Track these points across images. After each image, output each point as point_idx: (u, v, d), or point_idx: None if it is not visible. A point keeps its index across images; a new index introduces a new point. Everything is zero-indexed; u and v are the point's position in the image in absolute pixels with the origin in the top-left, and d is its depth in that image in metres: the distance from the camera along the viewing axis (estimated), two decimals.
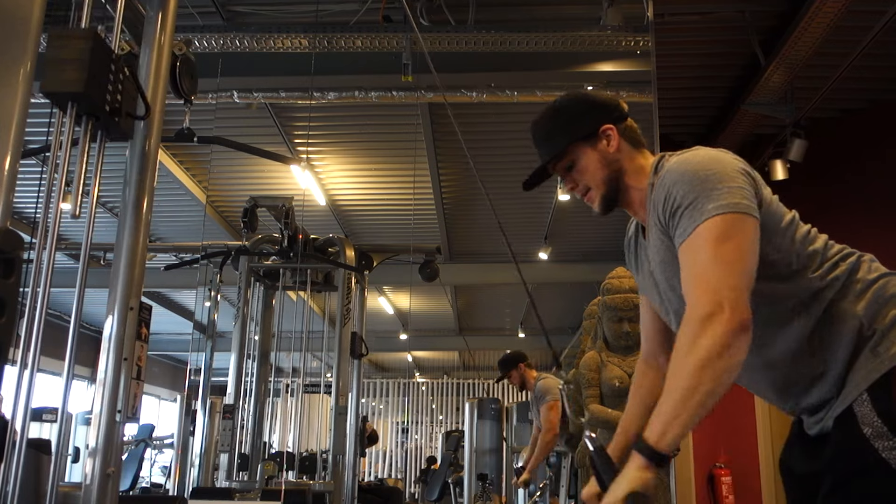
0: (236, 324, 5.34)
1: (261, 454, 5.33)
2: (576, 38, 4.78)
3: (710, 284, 1.24)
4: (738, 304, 1.21)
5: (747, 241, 1.27)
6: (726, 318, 1.20)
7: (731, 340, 1.20)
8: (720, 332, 1.19)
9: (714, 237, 1.26)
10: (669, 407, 1.22)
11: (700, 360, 1.20)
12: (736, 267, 1.24)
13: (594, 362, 3.49)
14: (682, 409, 1.21)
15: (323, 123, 6.52)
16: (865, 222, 5.63)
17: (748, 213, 1.27)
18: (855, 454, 1.22)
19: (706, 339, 1.20)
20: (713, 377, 1.20)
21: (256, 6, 5.17)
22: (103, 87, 1.58)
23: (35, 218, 1.68)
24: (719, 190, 1.28)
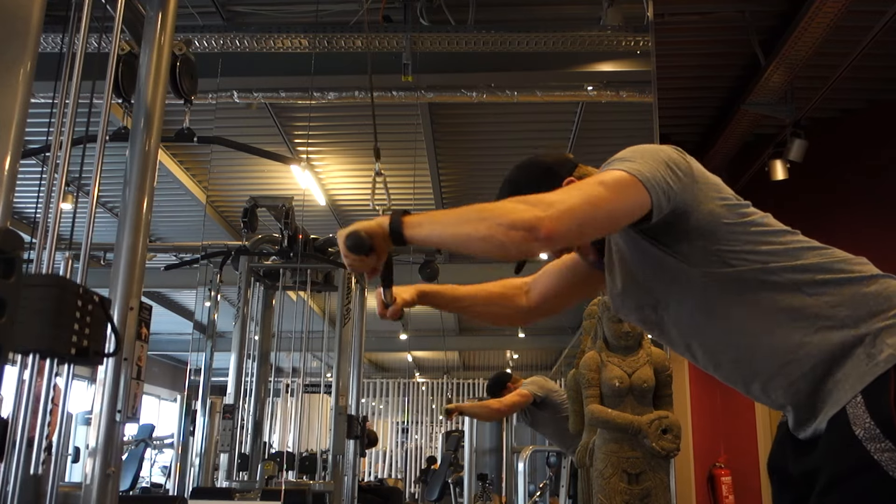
0: (236, 324, 5.33)
1: (261, 454, 5.33)
2: (576, 38, 4.78)
3: (563, 196, 1.25)
4: (560, 221, 1.21)
5: (621, 198, 1.27)
6: (544, 216, 1.20)
7: (524, 230, 1.20)
8: (526, 217, 1.20)
9: (600, 180, 1.28)
10: (441, 216, 1.29)
11: (493, 215, 1.23)
12: (591, 203, 1.25)
13: (594, 362, 3.49)
14: (445, 226, 1.28)
15: (323, 123, 6.52)
16: (866, 222, 5.64)
17: (646, 185, 1.27)
18: (847, 456, 1.21)
19: (515, 211, 1.21)
20: (482, 232, 1.22)
21: (256, 6, 5.17)
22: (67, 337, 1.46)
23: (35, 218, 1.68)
24: (639, 160, 1.30)
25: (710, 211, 1.33)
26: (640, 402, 3.39)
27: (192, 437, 5.49)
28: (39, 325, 1.38)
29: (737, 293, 1.32)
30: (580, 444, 3.67)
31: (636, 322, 1.52)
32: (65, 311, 1.44)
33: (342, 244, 1.34)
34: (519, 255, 1.26)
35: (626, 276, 1.44)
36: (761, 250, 1.33)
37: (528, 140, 6.69)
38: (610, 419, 3.33)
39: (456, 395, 17.33)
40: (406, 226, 1.29)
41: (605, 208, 1.26)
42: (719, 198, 1.36)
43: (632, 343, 3.50)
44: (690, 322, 1.39)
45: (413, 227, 1.29)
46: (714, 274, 1.33)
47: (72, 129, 1.72)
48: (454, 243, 1.30)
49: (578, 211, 1.24)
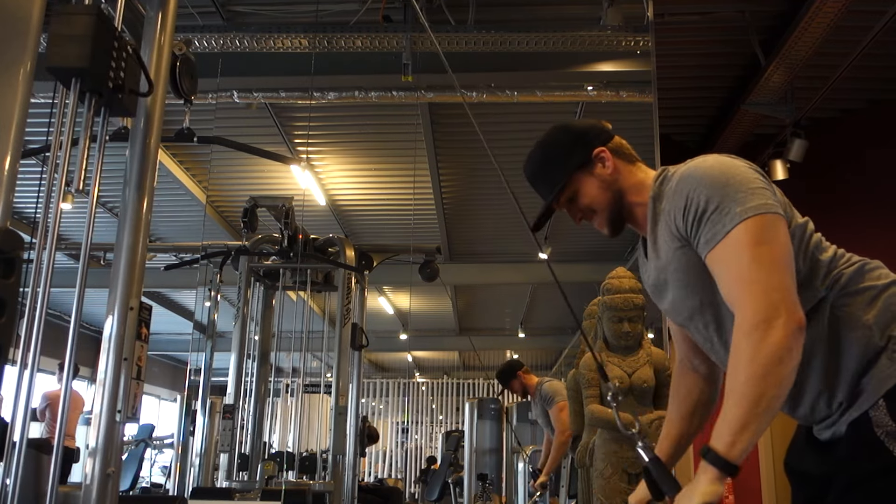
0: (236, 324, 5.33)
1: (261, 454, 5.33)
2: (576, 38, 4.78)
3: (758, 288, 1.22)
4: (792, 305, 1.21)
5: (783, 240, 1.26)
6: (783, 321, 1.19)
7: (791, 343, 1.19)
8: (779, 336, 1.18)
9: (750, 240, 1.24)
10: (737, 416, 1.19)
11: (763, 367, 1.18)
12: (779, 267, 1.23)
13: (594, 362, 3.49)
14: (751, 418, 1.19)
15: (323, 123, 6.52)
16: (866, 222, 5.63)
17: (777, 212, 1.27)
18: (869, 456, 1.22)
19: (767, 345, 1.18)
20: (777, 382, 1.18)
21: (256, 6, 5.17)
22: (107, 64, 1.59)
23: (35, 218, 1.68)
24: (744, 193, 1.27)
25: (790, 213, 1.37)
26: (641, 402, 3.39)
27: (192, 437, 5.49)
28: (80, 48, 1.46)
29: None
30: (580, 444, 3.67)
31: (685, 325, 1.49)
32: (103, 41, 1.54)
33: None
34: (800, 355, 1.21)
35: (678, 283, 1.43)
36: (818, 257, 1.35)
37: (529, 140, 6.63)
38: (610, 419, 3.33)
39: (456, 395, 17.33)
40: (729, 456, 1.19)
41: (786, 257, 1.25)
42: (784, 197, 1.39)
43: (632, 343, 3.50)
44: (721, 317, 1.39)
45: (732, 450, 1.19)
46: None
47: (71, 129, 1.72)
48: (772, 415, 1.22)
49: (785, 281, 1.23)
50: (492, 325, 14.59)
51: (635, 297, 3.50)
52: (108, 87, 1.59)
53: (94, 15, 1.55)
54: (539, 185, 1.54)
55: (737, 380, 1.21)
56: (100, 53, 1.57)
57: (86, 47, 1.54)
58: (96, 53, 1.56)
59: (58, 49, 1.54)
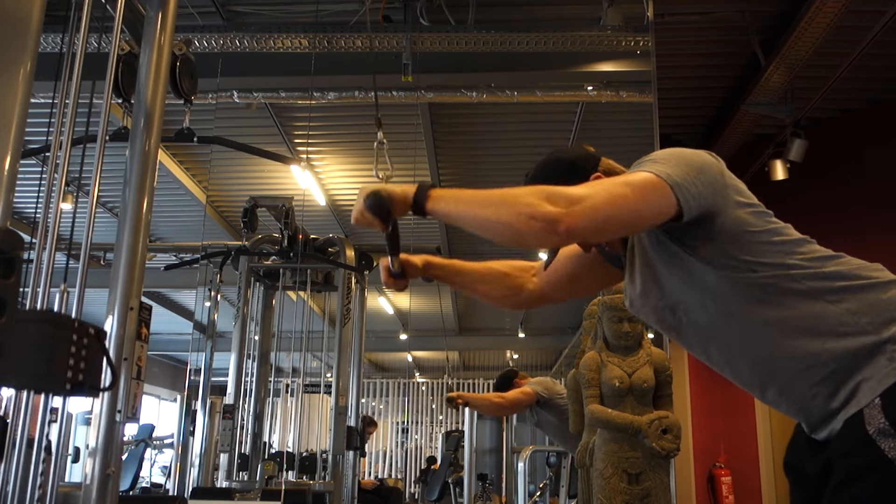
0: (236, 324, 5.33)
1: (261, 454, 5.33)
2: (576, 38, 4.78)
3: (589, 191, 1.27)
4: (582, 218, 1.23)
5: (647, 200, 1.28)
6: (567, 211, 1.22)
7: (544, 221, 1.22)
8: (549, 210, 1.22)
9: (626, 180, 1.30)
10: (467, 196, 1.31)
11: (516, 202, 1.25)
12: (615, 203, 1.26)
13: (594, 362, 3.49)
14: (467, 205, 1.30)
15: (323, 123, 6.52)
16: (867, 223, 5.64)
17: (674, 189, 1.27)
18: (861, 454, 1.22)
19: (539, 200, 1.23)
20: (503, 217, 1.25)
21: (256, 6, 5.17)
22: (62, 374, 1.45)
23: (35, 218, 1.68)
24: (669, 162, 1.31)
25: (736, 217, 1.34)
26: (640, 402, 3.39)
27: (192, 437, 5.49)
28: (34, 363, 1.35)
29: (758, 298, 1.33)
30: (580, 444, 3.67)
31: (654, 324, 1.51)
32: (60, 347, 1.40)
33: (361, 201, 1.38)
34: (535, 245, 1.29)
35: (646, 277, 1.44)
36: (784, 261, 1.33)
37: (528, 140, 6.69)
38: (610, 419, 3.33)
39: None
40: (430, 199, 1.32)
41: (628, 209, 1.27)
42: (746, 204, 1.36)
43: (632, 343, 3.49)
44: (709, 325, 1.39)
45: (437, 201, 1.32)
46: (736, 278, 1.33)
47: (72, 129, 1.72)
48: (473, 223, 1.31)
49: (601, 210, 1.25)
50: (492, 325, 14.59)
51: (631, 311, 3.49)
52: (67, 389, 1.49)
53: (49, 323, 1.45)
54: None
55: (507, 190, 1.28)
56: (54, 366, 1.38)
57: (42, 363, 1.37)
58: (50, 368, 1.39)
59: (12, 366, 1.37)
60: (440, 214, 1.32)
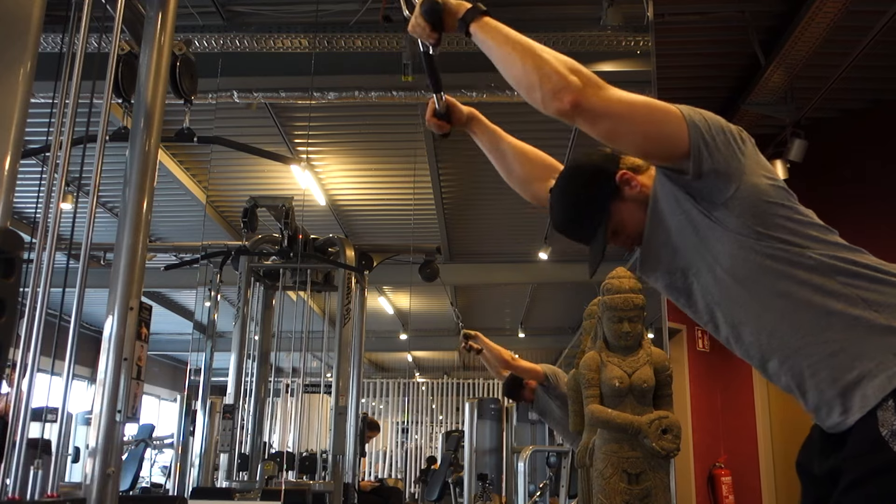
0: (236, 324, 5.33)
1: (261, 454, 5.33)
2: (576, 38, 4.78)
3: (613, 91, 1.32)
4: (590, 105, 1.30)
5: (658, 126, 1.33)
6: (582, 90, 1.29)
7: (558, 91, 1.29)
8: (569, 83, 1.29)
9: (650, 101, 1.36)
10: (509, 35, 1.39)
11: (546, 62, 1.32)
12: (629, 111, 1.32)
13: (594, 362, 3.49)
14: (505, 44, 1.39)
15: (323, 123, 6.52)
16: (866, 222, 5.63)
17: (689, 126, 1.32)
18: (872, 454, 1.22)
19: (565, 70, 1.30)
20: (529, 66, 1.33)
21: (256, 6, 5.17)
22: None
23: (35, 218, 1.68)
24: (693, 113, 1.36)
25: (754, 185, 1.34)
26: (640, 402, 3.39)
27: (192, 437, 5.49)
28: None
29: (769, 268, 1.32)
30: (580, 444, 3.67)
31: (662, 288, 1.50)
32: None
33: (417, 6, 1.46)
34: (542, 106, 1.32)
35: (660, 237, 1.44)
36: (800, 235, 1.33)
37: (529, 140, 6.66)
38: (610, 419, 3.33)
39: (456, 395, 17.34)
40: (478, 22, 1.41)
41: (642, 122, 1.32)
42: (767, 176, 1.36)
43: (632, 343, 3.49)
44: (718, 290, 1.39)
45: (483, 26, 1.41)
46: (748, 245, 1.33)
47: (72, 129, 1.72)
48: (502, 60, 1.38)
49: (615, 107, 1.31)
50: (492, 325, 14.60)
51: (635, 297, 3.50)
52: None
53: None
54: (576, 231, 1.52)
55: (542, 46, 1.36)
56: None
57: None
58: None
59: None
60: (479, 39, 1.40)
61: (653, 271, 1.50)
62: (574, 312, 11.23)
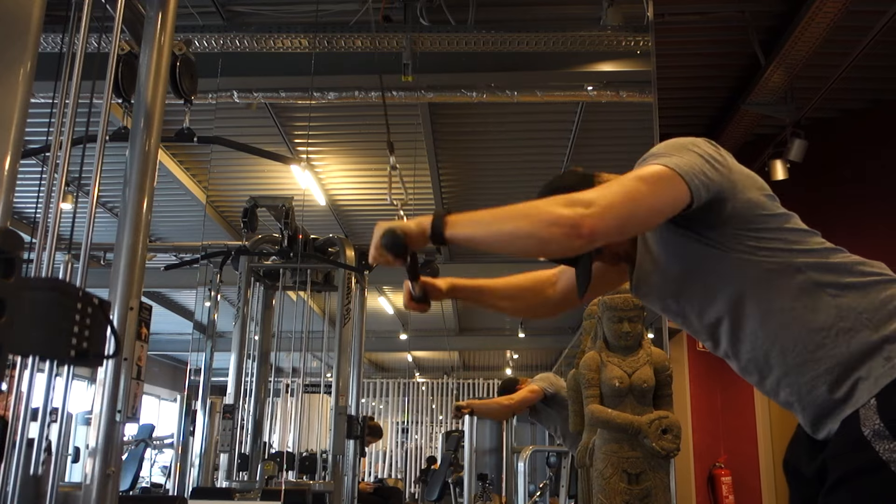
0: (236, 324, 5.33)
1: (261, 454, 5.33)
2: (576, 38, 4.78)
3: (603, 192, 1.26)
4: (602, 218, 1.23)
5: (661, 193, 1.28)
6: (586, 213, 1.21)
7: (567, 226, 1.21)
8: (569, 214, 1.21)
9: (637, 175, 1.29)
10: (483, 216, 1.28)
11: (535, 213, 1.24)
12: (632, 199, 1.26)
13: (594, 362, 3.49)
14: (486, 225, 1.28)
15: (323, 123, 6.52)
16: (866, 222, 5.64)
17: (683, 176, 1.28)
18: (855, 455, 1.22)
19: (557, 207, 1.23)
20: (524, 229, 1.24)
21: (256, 6, 5.17)
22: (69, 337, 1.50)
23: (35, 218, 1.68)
24: (674, 152, 1.32)
25: (748, 199, 1.35)
26: (640, 402, 3.39)
27: (192, 437, 5.49)
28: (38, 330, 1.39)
29: (764, 286, 1.33)
30: (580, 444, 3.68)
31: (658, 310, 1.51)
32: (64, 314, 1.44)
33: (377, 239, 1.35)
34: (560, 253, 1.28)
35: (651, 263, 1.45)
36: (792, 247, 1.34)
37: (528, 140, 6.69)
38: (610, 419, 3.33)
39: (456, 395, 17.33)
40: (448, 226, 1.29)
41: (645, 204, 1.27)
42: (757, 188, 1.37)
43: (632, 343, 3.50)
44: (714, 312, 1.39)
45: (455, 226, 1.29)
46: (744, 263, 1.33)
47: (72, 129, 1.72)
48: (496, 242, 1.30)
49: (620, 208, 1.25)
50: (492, 325, 14.60)
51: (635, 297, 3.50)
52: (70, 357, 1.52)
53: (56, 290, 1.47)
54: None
55: (521, 205, 1.27)
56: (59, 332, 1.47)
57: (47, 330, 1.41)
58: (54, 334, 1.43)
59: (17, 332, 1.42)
60: (461, 239, 1.29)
61: (646, 297, 1.51)
62: (574, 312, 11.23)
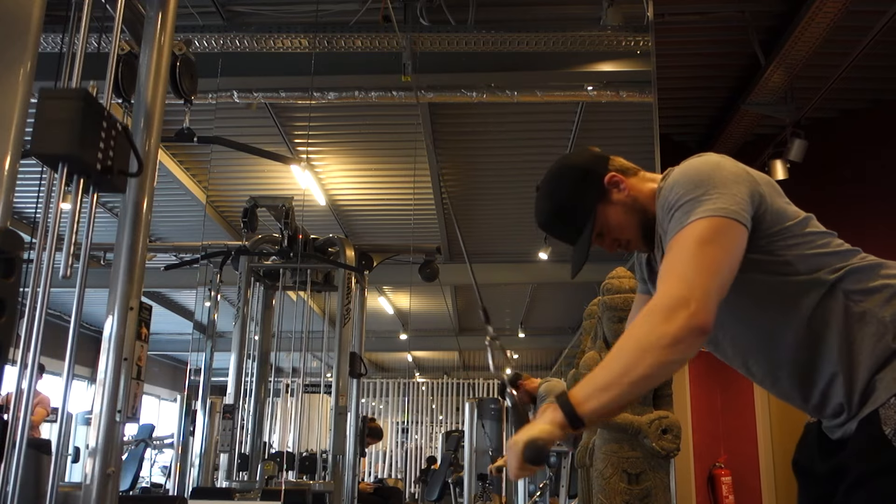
0: (236, 324, 5.33)
1: (261, 454, 5.33)
2: (576, 38, 4.78)
3: (683, 279, 1.23)
4: (705, 306, 1.21)
5: (730, 248, 1.27)
6: (690, 313, 1.19)
7: (686, 336, 1.19)
8: (679, 324, 1.19)
9: (698, 238, 1.26)
10: (604, 377, 1.23)
11: (649, 344, 1.20)
12: (713, 271, 1.24)
13: (594, 362, 3.49)
14: (615, 384, 1.21)
15: (323, 123, 6.52)
16: (866, 222, 5.63)
17: (737, 219, 1.27)
18: (875, 453, 1.22)
19: (662, 328, 1.19)
20: (654, 364, 1.20)
21: (256, 6, 5.17)
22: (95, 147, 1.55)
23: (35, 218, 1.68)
24: (712, 194, 1.28)
25: (777, 209, 1.36)
26: (640, 402, 3.39)
27: (192, 437, 5.49)
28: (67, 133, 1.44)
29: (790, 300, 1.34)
30: (580, 444, 3.68)
31: None
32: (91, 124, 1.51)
33: (519, 456, 1.24)
34: (694, 353, 1.23)
35: None
36: (817, 252, 1.35)
37: (528, 140, 6.69)
38: (609, 419, 3.33)
39: (456, 395, 17.33)
40: (579, 407, 1.22)
41: (726, 266, 1.26)
42: (777, 193, 1.39)
43: None
44: (745, 340, 1.41)
45: (586, 404, 1.22)
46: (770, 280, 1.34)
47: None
48: (633, 392, 1.23)
49: (711, 285, 1.23)
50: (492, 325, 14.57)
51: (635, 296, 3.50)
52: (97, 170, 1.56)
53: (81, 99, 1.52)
54: (561, 232, 1.51)
55: (621, 345, 1.23)
56: (87, 138, 1.53)
57: (73, 133, 1.50)
58: (84, 138, 1.53)
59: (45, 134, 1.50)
60: (599, 413, 1.23)
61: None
62: (574, 312, 11.23)
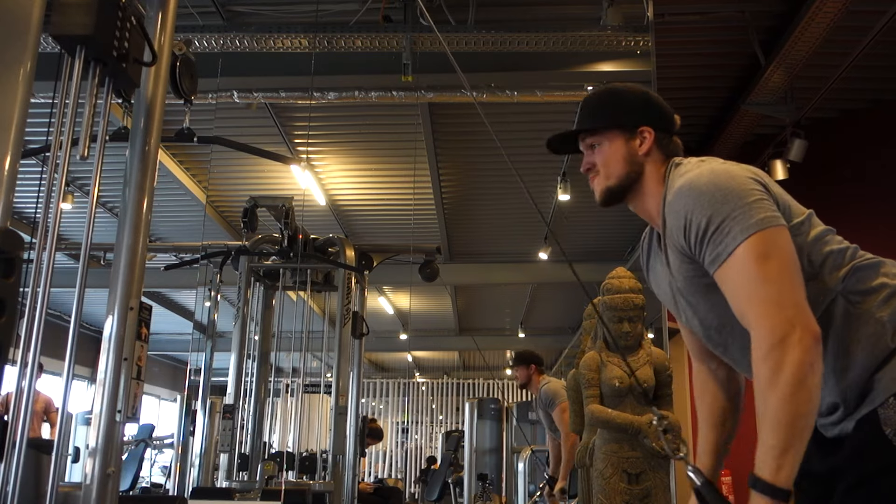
0: (236, 324, 5.33)
1: (261, 454, 5.33)
2: (576, 38, 4.78)
3: (770, 305, 1.22)
4: (806, 318, 1.20)
5: (787, 251, 1.26)
6: (798, 337, 1.18)
7: (811, 358, 1.18)
8: (798, 353, 1.17)
9: (755, 258, 1.24)
10: (776, 441, 1.20)
11: (789, 388, 1.17)
12: (788, 279, 1.23)
13: (594, 362, 3.49)
14: (791, 440, 1.19)
15: (323, 123, 6.53)
16: (866, 223, 5.62)
17: (777, 224, 1.27)
18: (875, 453, 1.22)
19: (787, 365, 1.18)
20: (807, 399, 1.18)
21: (256, 6, 5.17)
22: (111, 32, 1.61)
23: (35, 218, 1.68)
24: (742, 209, 1.27)
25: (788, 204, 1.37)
26: (640, 402, 3.39)
27: (192, 437, 5.49)
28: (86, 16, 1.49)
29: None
30: (580, 444, 3.68)
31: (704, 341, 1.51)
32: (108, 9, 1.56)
33: None
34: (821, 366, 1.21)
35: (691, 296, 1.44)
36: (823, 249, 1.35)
37: (528, 140, 6.69)
38: (610, 419, 3.33)
39: (456, 395, 17.34)
40: (777, 482, 1.21)
41: (793, 269, 1.25)
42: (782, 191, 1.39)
43: (632, 343, 3.49)
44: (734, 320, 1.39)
45: (779, 471, 1.20)
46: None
47: (71, 129, 1.72)
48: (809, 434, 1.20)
49: (792, 293, 1.23)
50: (492, 325, 14.60)
51: (635, 297, 3.50)
52: (113, 56, 1.60)
53: None
54: (583, 116, 1.54)
55: (766, 405, 1.20)
56: (104, 21, 1.59)
57: (91, 15, 1.56)
58: (101, 21, 1.58)
59: (63, 17, 1.56)
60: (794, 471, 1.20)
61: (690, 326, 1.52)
62: (574, 312, 11.23)
